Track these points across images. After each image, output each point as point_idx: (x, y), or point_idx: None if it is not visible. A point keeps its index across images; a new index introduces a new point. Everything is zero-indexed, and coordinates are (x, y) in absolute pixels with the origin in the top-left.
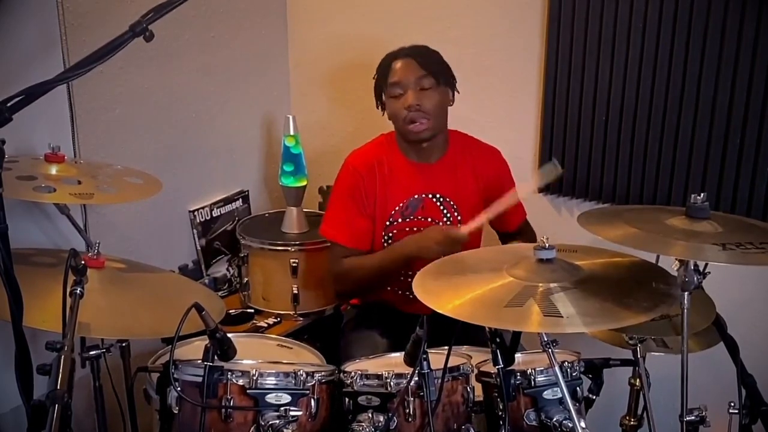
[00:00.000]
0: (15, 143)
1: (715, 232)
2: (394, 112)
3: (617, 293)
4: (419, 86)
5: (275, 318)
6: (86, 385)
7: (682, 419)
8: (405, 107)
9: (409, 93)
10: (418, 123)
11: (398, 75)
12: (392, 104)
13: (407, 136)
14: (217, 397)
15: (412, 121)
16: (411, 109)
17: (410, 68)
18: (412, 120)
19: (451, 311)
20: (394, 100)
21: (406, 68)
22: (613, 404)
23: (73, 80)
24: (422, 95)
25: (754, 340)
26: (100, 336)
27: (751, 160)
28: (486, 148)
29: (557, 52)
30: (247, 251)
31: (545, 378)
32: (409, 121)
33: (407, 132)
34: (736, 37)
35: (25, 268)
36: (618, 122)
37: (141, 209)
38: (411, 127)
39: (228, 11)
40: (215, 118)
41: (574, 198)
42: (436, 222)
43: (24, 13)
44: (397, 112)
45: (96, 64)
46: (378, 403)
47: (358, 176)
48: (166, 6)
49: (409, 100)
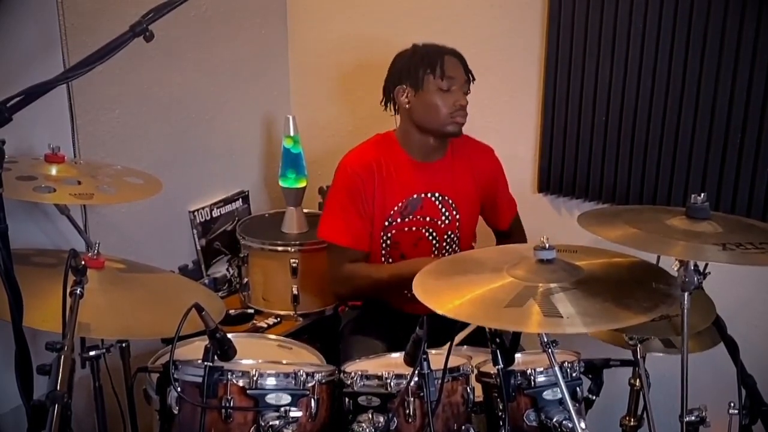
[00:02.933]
0: (15, 143)
1: (715, 233)
2: (439, 104)
3: (617, 293)
4: (463, 89)
5: (275, 318)
6: (86, 385)
7: (682, 419)
8: (455, 104)
9: (460, 92)
10: (462, 118)
11: (453, 71)
12: (437, 96)
13: (445, 129)
14: (217, 397)
15: (458, 116)
16: (460, 107)
17: (460, 69)
18: (457, 115)
19: (451, 311)
20: (441, 93)
21: (458, 68)
22: (613, 404)
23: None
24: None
25: (754, 340)
26: (100, 336)
27: (751, 160)
28: (481, 147)
29: (557, 52)
30: (247, 251)
31: (545, 378)
32: (456, 116)
33: (450, 124)
34: (736, 37)
35: (25, 268)
36: (618, 122)
37: (141, 209)
38: (459, 120)
39: (228, 11)
40: (215, 118)
41: (574, 198)
42: (434, 221)
43: (24, 13)
44: (443, 105)
45: (96, 64)
46: (378, 403)
47: (356, 177)
48: (166, 6)
49: (462, 100)
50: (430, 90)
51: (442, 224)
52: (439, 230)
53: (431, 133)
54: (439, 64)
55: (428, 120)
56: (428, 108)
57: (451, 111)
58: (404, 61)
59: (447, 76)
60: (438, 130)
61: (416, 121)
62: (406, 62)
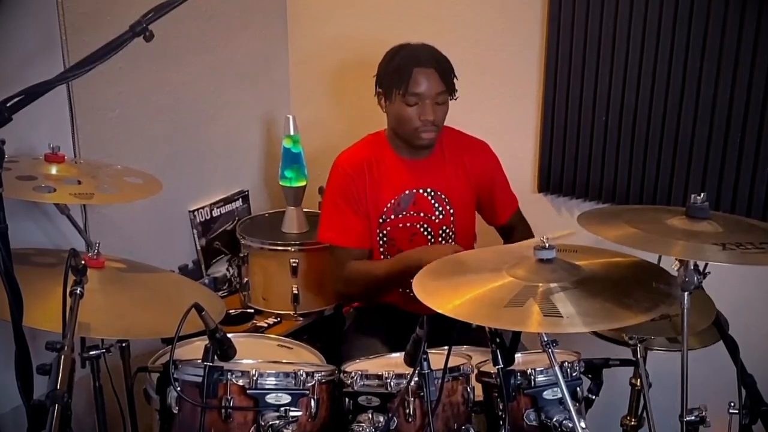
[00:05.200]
0: (15, 143)
1: (715, 232)
2: (406, 117)
3: (617, 293)
4: (436, 101)
5: (275, 318)
6: (86, 385)
7: (682, 419)
8: (420, 118)
9: (427, 106)
10: (429, 133)
11: (421, 87)
12: (404, 110)
13: (414, 142)
14: (217, 397)
15: (424, 131)
16: (426, 122)
17: (432, 82)
18: (424, 130)
19: (451, 311)
20: (407, 107)
21: (429, 81)
22: (613, 404)
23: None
24: (437, 109)
25: (754, 340)
26: (100, 336)
27: (751, 160)
28: (475, 143)
29: (557, 52)
30: (247, 251)
31: (545, 378)
32: (421, 131)
33: (416, 139)
34: (736, 37)
35: (25, 268)
36: (618, 122)
37: (141, 209)
38: (424, 136)
39: (228, 11)
40: (215, 118)
41: (574, 198)
42: (428, 216)
43: (24, 14)
44: (410, 119)
45: (96, 64)
46: (378, 403)
47: (347, 177)
48: (166, 6)
49: (428, 115)
50: (398, 102)
51: (436, 219)
52: (433, 225)
53: (403, 140)
54: (406, 79)
55: (398, 129)
56: (397, 119)
57: (416, 126)
58: (382, 67)
59: (411, 93)
60: (407, 140)
61: (391, 126)
62: (383, 69)
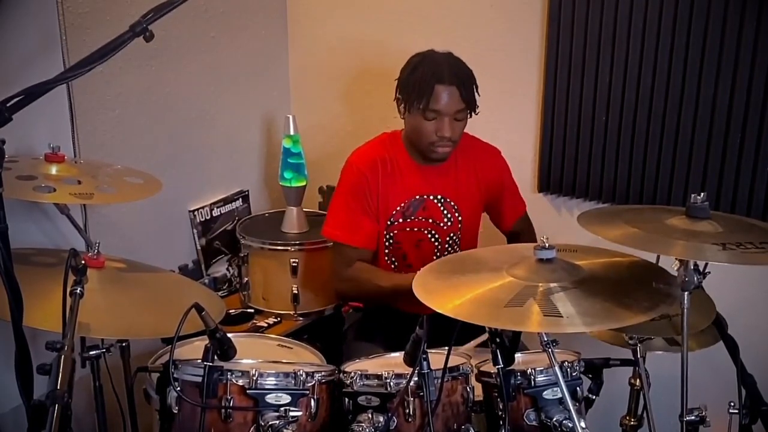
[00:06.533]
0: (15, 143)
1: (715, 232)
2: (423, 130)
3: (617, 293)
4: (455, 117)
5: (275, 318)
6: (86, 385)
7: (682, 419)
8: (437, 134)
9: (446, 123)
10: (444, 148)
11: (441, 105)
12: (422, 123)
13: (428, 155)
14: (217, 397)
15: (440, 146)
16: (443, 138)
17: (453, 100)
18: (440, 145)
19: (451, 311)
20: (426, 121)
21: (450, 99)
22: (613, 404)
23: (73, 80)
24: (455, 125)
25: (754, 340)
26: (100, 336)
27: (751, 160)
28: (487, 149)
29: (557, 52)
30: (247, 251)
31: (545, 378)
32: (437, 145)
33: (431, 152)
34: (736, 37)
35: (25, 268)
36: (618, 122)
37: (141, 209)
38: (439, 150)
39: (228, 11)
40: (215, 118)
41: (574, 198)
42: (437, 223)
43: (24, 13)
44: (427, 133)
45: (96, 64)
46: (378, 403)
47: (361, 175)
48: (166, 6)
49: (445, 131)
50: (416, 115)
51: (444, 226)
52: (441, 232)
53: (417, 150)
54: (427, 95)
55: (414, 139)
56: (414, 130)
57: (433, 140)
58: (404, 76)
59: (431, 109)
60: (422, 151)
61: (407, 134)
62: (405, 78)
